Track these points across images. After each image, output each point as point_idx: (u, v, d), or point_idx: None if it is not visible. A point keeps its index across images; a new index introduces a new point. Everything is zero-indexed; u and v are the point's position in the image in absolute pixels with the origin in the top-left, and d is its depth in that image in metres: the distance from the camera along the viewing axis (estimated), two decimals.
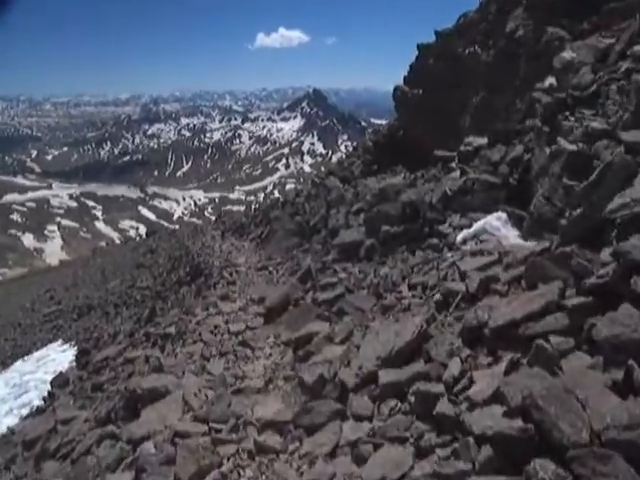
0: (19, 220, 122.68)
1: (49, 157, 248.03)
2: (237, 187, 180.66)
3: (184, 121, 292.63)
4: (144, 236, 45.12)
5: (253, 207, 22.44)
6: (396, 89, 14.60)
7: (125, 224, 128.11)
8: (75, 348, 16.91)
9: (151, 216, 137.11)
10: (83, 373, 10.68)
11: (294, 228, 14.11)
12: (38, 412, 9.52)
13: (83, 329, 19.54)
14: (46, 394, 10.56)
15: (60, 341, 19.17)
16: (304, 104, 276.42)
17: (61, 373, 11.97)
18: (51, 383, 10.90)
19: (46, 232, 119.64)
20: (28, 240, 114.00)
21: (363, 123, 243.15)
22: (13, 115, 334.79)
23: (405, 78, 14.51)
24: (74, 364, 13.21)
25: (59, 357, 16.84)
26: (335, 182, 15.83)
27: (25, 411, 10.76)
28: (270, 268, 12.01)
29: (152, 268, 23.45)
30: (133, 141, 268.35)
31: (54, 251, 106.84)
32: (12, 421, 10.11)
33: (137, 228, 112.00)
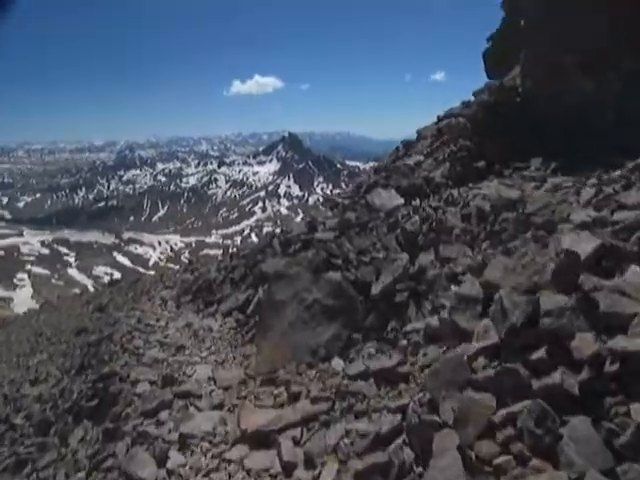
0: None
1: (21, 204, 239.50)
2: (214, 231, 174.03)
3: (160, 166, 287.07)
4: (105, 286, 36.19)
5: (230, 251, 14.04)
6: None
7: (99, 270, 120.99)
8: None
9: (126, 262, 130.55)
10: None
11: (326, 299, 5.95)
12: None
13: None
14: None
15: None
16: (279, 148, 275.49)
17: None
18: None
19: (15, 280, 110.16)
20: None
21: (338, 165, 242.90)
22: None
23: None
24: None
25: None
26: (394, 198, 7.80)
27: None
28: (282, 436, 3.78)
29: (81, 346, 15.02)
30: (108, 187, 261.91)
31: (23, 300, 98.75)
32: None
33: (112, 274, 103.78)
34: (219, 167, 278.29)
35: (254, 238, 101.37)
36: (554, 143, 7.32)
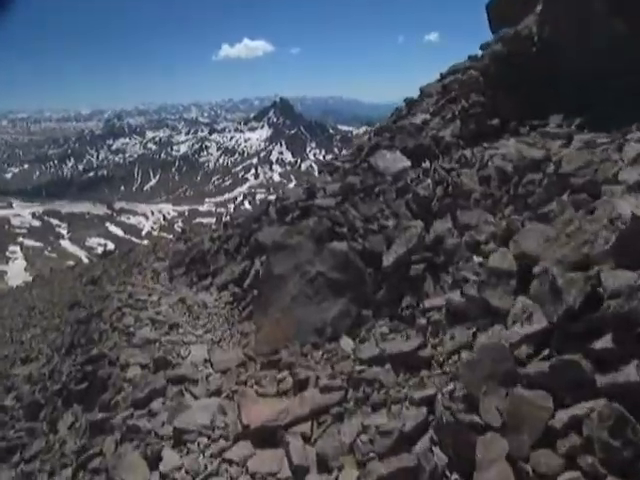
0: None
1: (8, 175, 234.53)
2: (207, 199, 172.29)
3: (150, 135, 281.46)
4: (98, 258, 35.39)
5: (224, 220, 13.40)
6: None
7: (93, 242, 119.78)
8: None
9: (119, 232, 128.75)
10: None
11: (330, 272, 5.43)
12: None
13: None
14: None
15: None
16: (271, 113, 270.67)
17: None
18: None
19: (7, 253, 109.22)
20: None
21: (331, 130, 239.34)
22: None
23: None
24: None
25: None
26: (400, 160, 7.18)
27: None
28: (290, 432, 3.29)
29: (71, 323, 14.53)
30: (97, 157, 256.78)
31: (17, 273, 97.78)
32: None
33: (105, 245, 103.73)
34: (210, 134, 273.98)
35: (247, 206, 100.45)
36: (573, 96, 6.67)
